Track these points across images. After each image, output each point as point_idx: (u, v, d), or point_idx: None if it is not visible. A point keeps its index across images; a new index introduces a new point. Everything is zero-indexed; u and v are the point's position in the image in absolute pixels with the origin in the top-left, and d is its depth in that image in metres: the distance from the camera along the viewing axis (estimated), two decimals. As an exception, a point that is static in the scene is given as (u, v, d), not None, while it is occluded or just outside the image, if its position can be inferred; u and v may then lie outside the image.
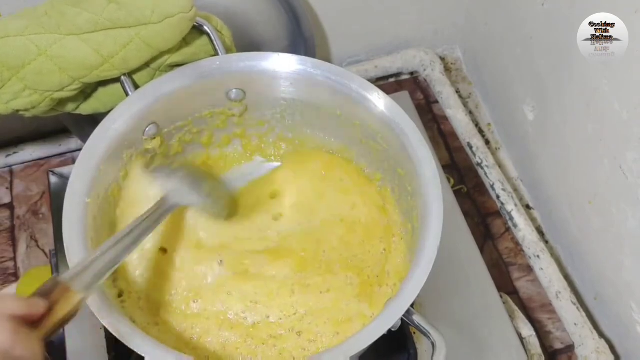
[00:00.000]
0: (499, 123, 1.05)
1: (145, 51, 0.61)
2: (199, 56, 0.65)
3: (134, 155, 0.62)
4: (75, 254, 0.52)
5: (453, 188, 0.96)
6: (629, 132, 0.70)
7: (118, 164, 0.60)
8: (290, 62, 0.64)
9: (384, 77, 1.09)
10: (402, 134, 0.59)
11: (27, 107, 0.62)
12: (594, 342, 0.82)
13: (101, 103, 0.66)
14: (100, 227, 0.57)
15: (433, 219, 0.54)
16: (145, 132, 0.62)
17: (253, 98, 0.66)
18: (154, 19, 0.59)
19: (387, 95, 0.62)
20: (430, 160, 0.57)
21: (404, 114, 0.60)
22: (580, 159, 0.82)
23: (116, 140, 0.59)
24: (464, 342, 0.73)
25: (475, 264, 0.79)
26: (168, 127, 0.65)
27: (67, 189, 0.55)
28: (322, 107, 0.65)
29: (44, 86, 0.60)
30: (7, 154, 0.96)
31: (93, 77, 0.61)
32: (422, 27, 1.08)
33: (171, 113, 0.64)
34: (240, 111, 0.68)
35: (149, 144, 0.63)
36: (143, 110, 0.61)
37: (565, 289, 0.86)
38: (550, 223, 0.95)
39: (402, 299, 0.51)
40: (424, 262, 0.52)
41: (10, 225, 0.92)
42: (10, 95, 0.60)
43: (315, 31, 0.95)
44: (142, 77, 0.64)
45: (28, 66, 0.59)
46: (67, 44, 0.58)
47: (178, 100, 0.63)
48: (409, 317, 0.52)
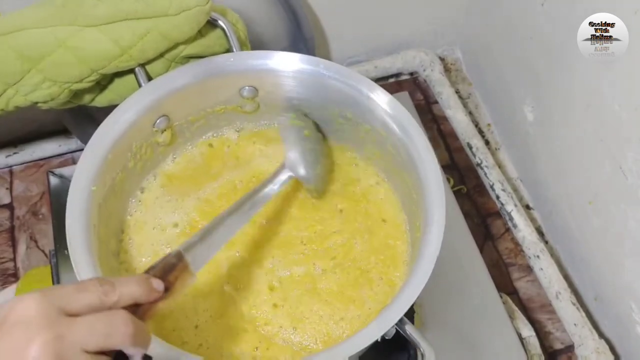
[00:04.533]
0: (499, 123, 1.05)
1: (162, 42, 0.62)
2: (213, 49, 0.66)
3: (144, 146, 0.62)
4: (77, 241, 0.52)
5: (453, 188, 0.96)
6: (629, 132, 0.70)
7: (127, 154, 0.60)
8: (302, 62, 0.63)
9: (384, 78, 1.09)
10: (410, 141, 0.59)
11: (45, 99, 0.62)
12: (593, 343, 0.82)
13: (117, 94, 0.66)
14: (104, 217, 0.57)
15: (434, 230, 0.54)
16: (155, 124, 0.62)
17: (265, 96, 0.66)
18: (172, 11, 0.60)
19: (398, 102, 0.61)
20: (436, 168, 0.57)
21: (414, 123, 0.60)
22: (580, 160, 0.82)
23: (126, 131, 0.59)
24: (464, 342, 0.73)
25: (475, 264, 0.79)
26: (179, 121, 0.65)
27: (74, 175, 0.55)
28: (332, 108, 0.65)
29: (63, 78, 0.61)
30: (7, 155, 0.95)
31: (111, 67, 0.62)
32: (421, 28, 1.08)
33: (183, 107, 0.64)
34: (252, 108, 0.68)
35: (159, 136, 0.63)
36: (154, 102, 0.61)
37: (565, 289, 0.87)
38: (550, 223, 0.95)
39: (395, 308, 0.50)
40: (420, 274, 0.51)
41: (10, 226, 0.92)
42: (30, 87, 0.61)
43: (315, 31, 0.95)
44: (157, 68, 0.65)
45: (48, 58, 0.59)
46: (86, 35, 0.59)
47: (190, 94, 0.63)
48: (401, 327, 0.51)
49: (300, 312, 0.59)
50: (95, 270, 0.51)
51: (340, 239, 0.64)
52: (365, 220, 0.65)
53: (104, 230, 0.57)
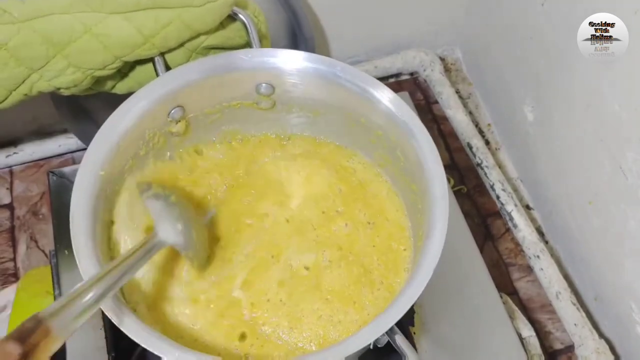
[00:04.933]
0: (499, 123, 1.05)
1: (185, 32, 0.63)
2: (233, 40, 0.67)
3: (157, 135, 0.62)
4: (79, 225, 0.52)
5: (453, 188, 0.96)
6: (629, 132, 0.70)
7: (139, 142, 0.60)
8: (318, 63, 0.63)
9: (384, 78, 1.09)
10: (420, 149, 0.59)
11: (69, 85, 0.63)
12: (594, 343, 0.82)
13: (137, 82, 0.67)
14: (105, 199, 0.57)
15: (433, 243, 0.53)
16: (170, 114, 0.62)
17: (281, 94, 0.66)
18: (196, 2, 0.61)
19: (410, 108, 0.61)
20: (443, 179, 0.57)
21: (423, 128, 0.60)
22: (580, 160, 0.82)
23: (140, 119, 0.59)
24: (464, 342, 0.73)
25: (475, 264, 0.79)
26: (195, 113, 0.64)
27: (83, 159, 0.55)
28: (345, 112, 0.65)
29: (88, 64, 0.61)
30: (7, 155, 0.96)
31: (134, 55, 0.62)
32: (421, 28, 1.08)
33: (198, 99, 0.64)
34: (268, 105, 0.68)
35: (173, 126, 0.63)
36: (170, 92, 0.61)
37: (565, 290, 0.87)
38: (550, 223, 0.95)
39: (384, 319, 0.50)
40: (415, 285, 0.51)
41: (10, 226, 0.92)
42: (54, 72, 0.61)
43: (315, 31, 0.95)
44: (178, 58, 0.65)
45: (73, 44, 0.59)
46: (111, 22, 0.59)
47: (206, 87, 0.63)
48: (391, 335, 0.51)
49: (300, 310, 0.59)
50: (97, 256, 0.51)
51: (344, 223, 0.64)
52: (365, 209, 0.65)
53: (108, 216, 0.57)
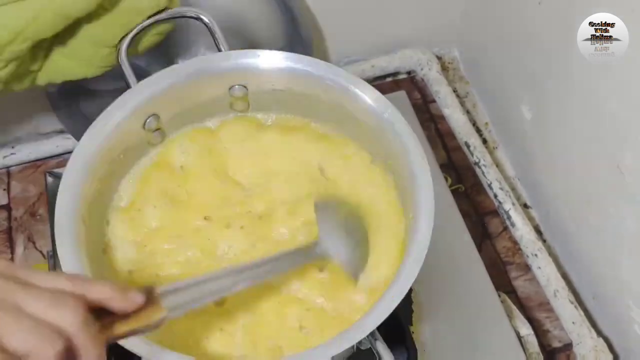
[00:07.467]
0: (497, 122, 1.05)
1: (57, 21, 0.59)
2: None
3: (135, 146, 0.63)
4: (64, 232, 0.52)
5: (450, 187, 0.96)
6: (627, 131, 0.70)
7: (118, 155, 0.61)
8: (290, 60, 0.64)
9: (381, 77, 1.09)
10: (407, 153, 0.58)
11: None
12: (592, 341, 0.82)
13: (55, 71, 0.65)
14: (93, 203, 0.57)
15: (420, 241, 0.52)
16: (146, 123, 0.62)
17: (255, 94, 0.67)
18: None
19: (385, 97, 0.61)
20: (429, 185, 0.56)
21: (403, 120, 0.60)
22: (578, 158, 0.82)
23: (115, 132, 0.59)
24: (462, 340, 0.74)
25: (472, 263, 0.79)
26: (169, 118, 0.65)
27: (63, 175, 0.55)
28: (321, 103, 0.65)
29: None
30: (4, 155, 0.95)
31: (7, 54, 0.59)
32: (418, 27, 1.08)
33: (172, 105, 0.64)
34: (243, 107, 0.68)
35: (150, 135, 0.64)
36: (142, 102, 0.61)
37: (563, 288, 0.87)
38: (547, 222, 0.95)
39: (365, 322, 0.49)
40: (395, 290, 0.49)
41: (7, 227, 0.91)
42: None
43: (312, 31, 0.95)
44: None
45: None
46: None
47: (179, 93, 0.63)
48: (371, 340, 0.51)
49: None
50: (82, 264, 0.51)
51: None
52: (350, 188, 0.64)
53: (95, 228, 0.57)
